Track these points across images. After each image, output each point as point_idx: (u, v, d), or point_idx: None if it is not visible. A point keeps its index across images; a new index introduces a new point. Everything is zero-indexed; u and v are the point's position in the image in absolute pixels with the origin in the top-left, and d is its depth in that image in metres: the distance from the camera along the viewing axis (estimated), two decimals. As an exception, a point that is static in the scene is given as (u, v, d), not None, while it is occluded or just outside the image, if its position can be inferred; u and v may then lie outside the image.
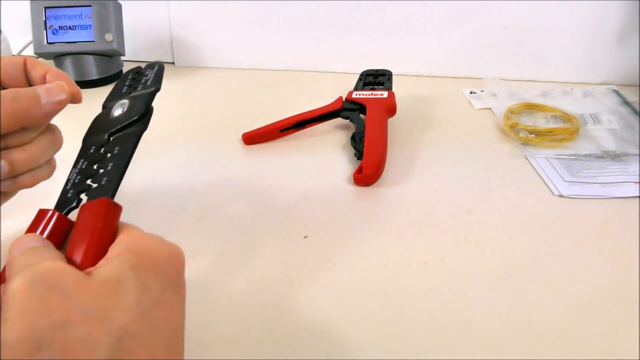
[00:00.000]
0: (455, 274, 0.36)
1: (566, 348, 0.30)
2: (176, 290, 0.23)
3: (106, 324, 0.19)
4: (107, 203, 0.24)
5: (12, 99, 0.26)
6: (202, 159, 0.52)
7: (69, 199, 0.26)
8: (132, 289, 0.20)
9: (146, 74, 0.32)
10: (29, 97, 0.27)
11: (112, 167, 0.27)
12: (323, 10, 0.72)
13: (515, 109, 0.59)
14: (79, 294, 0.19)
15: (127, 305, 0.20)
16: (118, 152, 0.27)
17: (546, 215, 0.42)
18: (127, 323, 0.19)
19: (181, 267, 0.24)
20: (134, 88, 0.31)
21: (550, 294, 0.34)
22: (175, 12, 0.76)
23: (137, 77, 0.32)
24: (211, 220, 0.41)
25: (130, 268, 0.21)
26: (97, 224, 0.23)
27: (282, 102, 0.65)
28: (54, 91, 0.28)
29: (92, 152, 0.28)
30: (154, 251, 0.23)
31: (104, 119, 0.30)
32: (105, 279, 0.20)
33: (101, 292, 0.20)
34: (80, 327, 0.18)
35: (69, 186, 0.27)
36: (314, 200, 0.44)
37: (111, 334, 0.19)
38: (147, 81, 0.31)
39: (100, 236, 0.23)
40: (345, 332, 0.31)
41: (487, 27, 0.70)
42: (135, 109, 0.29)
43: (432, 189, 0.46)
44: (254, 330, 0.31)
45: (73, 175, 0.27)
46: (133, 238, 0.23)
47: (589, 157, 0.50)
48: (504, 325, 0.31)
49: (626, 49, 0.69)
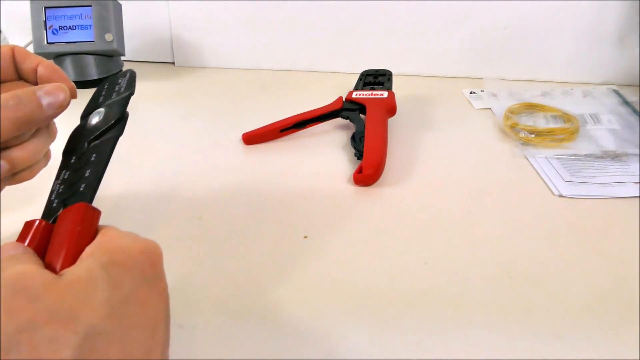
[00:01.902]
0: (455, 274, 0.36)
1: (566, 348, 0.30)
2: (152, 285, 0.22)
3: (73, 323, 0.19)
4: (85, 208, 0.24)
5: (15, 105, 0.26)
6: (202, 159, 0.52)
7: (54, 209, 0.26)
8: (101, 287, 0.20)
9: (119, 82, 0.32)
10: (31, 103, 0.27)
11: (90, 173, 0.27)
12: (323, 10, 0.72)
13: (515, 109, 0.59)
14: (46, 295, 0.19)
15: (96, 304, 0.20)
16: (95, 158, 0.28)
17: (546, 215, 0.42)
18: (95, 321, 0.19)
19: (157, 261, 0.23)
20: (109, 96, 0.31)
21: (550, 294, 0.34)
22: (175, 12, 0.76)
23: (111, 86, 0.32)
24: (211, 220, 0.41)
25: (100, 266, 0.21)
26: (75, 228, 0.23)
27: (282, 102, 0.65)
28: (55, 94, 0.27)
29: (72, 162, 0.28)
30: (127, 247, 0.23)
31: (82, 129, 0.30)
32: (74, 278, 0.20)
33: (69, 292, 0.20)
34: (46, 329, 0.18)
35: (53, 197, 0.27)
36: (314, 200, 0.44)
37: (78, 334, 0.19)
38: (120, 88, 0.31)
39: (78, 240, 0.23)
40: (345, 332, 0.31)
41: (487, 27, 0.70)
42: (110, 115, 0.29)
43: (432, 189, 0.46)
44: (254, 330, 0.31)
45: (56, 186, 0.27)
46: (107, 238, 0.23)
47: (589, 157, 0.50)
48: (504, 325, 0.31)
49: (626, 49, 0.69)
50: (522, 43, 0.71)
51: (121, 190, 0.46)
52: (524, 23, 0.69)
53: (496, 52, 0.72)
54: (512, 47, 0.71)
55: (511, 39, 0.71)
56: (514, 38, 0.70)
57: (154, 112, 0.64)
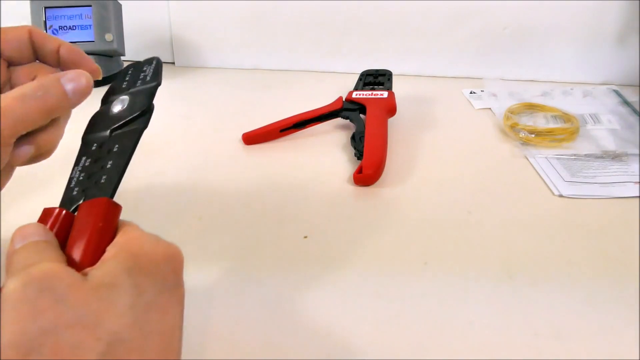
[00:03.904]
0: (455, 274, 0.36)
1: (566, 348, 0.30)
2: (172, 292, 0.22)
3: (97, 329, 0.19)
4: (107, 203, 0.24)
5: (43, 96, 0.25)
6: (202, 159, 0.52)
7: (75, 197, 0.26)
8: (126, 293, 0.20)
9: (144, 69, 0.31)
10: (58, 92, 0.26)
11: (112, 165, 0.26)
12: (323, 10, 0.72)
13: (515, 109, 0.59)
14: (71, 297, 0.19)
15: (120, 310, 0.20)
16: (118, 150, 0.27)
17: (546, 215, 0.42)
18: (119, 329, 0.19)
19: (179, 268, 0.23)
20: (133, 83, 0.30)
21: (550, 294, 0.34)
22: (175, 12, 0.76)
23: (135, 72, 0.31)
24: (211, 220, 0.41)
25: (125, 270, 0.21)
26: (96, 223, 0.23)
27: (282, 102, 0.65)
28: (78, 81, 0.27)
29: (93, 150, 0.28)
30: (151, 252, 0.22)
31: (104, 115, 0.29)
32: (99, 281, 0.20)
33: (94, 296, 0.19)
34: (70, 333, 0.18)
35: (73, 184, 0.26)
36: (314, 200, 0.44)
37: (102, 341, 0.18)
38: (146, 77, 0.30)
39: (99, 236, 0.23)
40: (345, 332, 0.31)
41: (487, 27, 0.70)
42: (136, 105, 0.28)
43: (432, 189, 0.46)
44: (254, 330, 0.31)
45: (76, 173, 0.27)
46: (130, 238, 0.23)
47: (589, 157, 0.50)
48: (504, 325, 0.31)
49: (626, 49, 0.69)
50: (522, 43, 0.71)
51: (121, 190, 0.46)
52: (524, 23, 0.69)
53: (496, 52, 0.72)
54: (512, 47, 0.71)
55: (511, 39, 0.71)
56: (514, 38, 0.70)
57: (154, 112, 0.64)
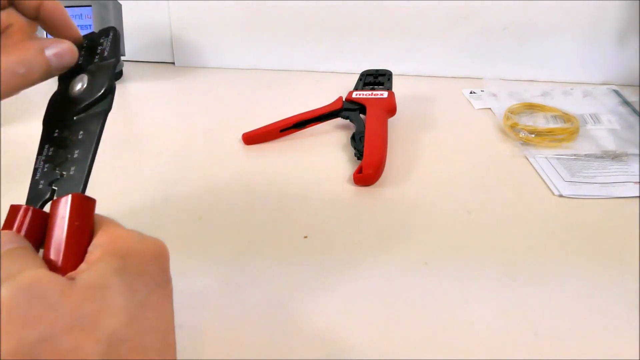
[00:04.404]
0: (455, 274, 0.36)
1: (566, 348, 0.30)
2: (163, 289, 0.22)
3: (95, 331, 0.19)
4: (80, 199, 0.23)
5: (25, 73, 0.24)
6: (202, 159, 0.52)
7: (41, 191, 0.24)
8: (118, 293, 0.20)
9: (101, 41, 0.28)
10: (41, 70, 0.25)
11: (79, 154, 0.25)
12: (323, 10, 0.72)
13: (515, 109, 0.59)
14: (64, 303, 0.19)
15: (115, 310, 0.19)
16: (84, 137, 0.25)
17: (546, 215, 0.42)
18: (116, 328, 0.19)
19: (166, 264, 0.23)
20: (91, 59, 0.28)
21: (550, 294, 0.34)
22: (175, 12, 0.76)
23: (92, 45, 0.28)
24: (211, 220, 0.41)
25: (114, 272, 0.21)
26: (72, 223, 0.22)
27: (282, 102, 0.65)
28: (64, 59, 0.26)
29: (55, 136, 0.26)
30: (138, 251, 0.22)
31: (63, 96, 0.27)
32: (89, 284, 0.20)
33: (87, 299, 0.19)
34: (69, 338, 0.18)
35: (38, 176, 0.25)
36: (314, 200, 0.44)
37: (102, 342, 0.18)
38: (103, 51, 0.28)
39: (78, 236, 0.22)
40: (345, 332, 0.31)
41: (487, 27, 0.70)
42: (96, 87, 0.26)
43: (432, 189, 0.46)
44: (254, 330, 0.31)
45: (40, 163, 0.25)
46: (113, 238, 0.22)
47: (589, 157, 0.50)
48: (504, 325, 0.31)
49: (626, 49, 0.69)
50: (522, 43, 0.71)
51: (121, 190, 0.46)
52: (524, 23, 0.69)
53: (496, 52, 0.72)
54: (512, 47, 0.71)
55: (511, 39, 0.70)
56: (514, 38, 0.70)
57: (154, 112, 0.64)
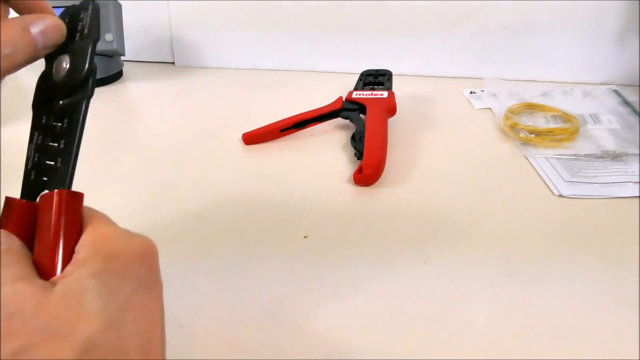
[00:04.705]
0: (455, 274, 0.36)
1: (566, 348, 0.30)
2: (149, 289, 0.22)
3: (70, 338, 0.18)
4: (65, 195, 0.23)
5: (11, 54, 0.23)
6: (202, 159, 0.52)
7: (33, 182, 0.25)
8: (95, 297, 0.20)
9: (81, 16, 0.27)
10: (27, 51, 0.24)
11: (64, 144, 0.25)
12: (323, 10, 0.72)
13: (515, 109, 0.59)
14: (39, 314, 0.19)
15: (91, 315, 0.19)
16: (68, 125, 0.25)
17: (546, 215, 0.42)
18: (92, 333, 0.19)
19: (153, 263, 0.23)
20: (72, 36, 0.27)
21: (550, 294, 0.34)
22: (175, 12, 0.76)
23: (73, 21, 0.27)
24: (211, 220, 0.41)
25: (92, 275, 0.20)
26: (58, 221, 0.22)
27: (282, 102, 0.65)
28: (51, 34, 0.25)
29: (43, 123, 0.26)
30: (123, 252, 0.22)
31: (47, 79, 0.27)
32: (66, 290, 0.20)
33: (62, 306, 0.19)
34: (43, 348, 0.18)
35: (30, 166, 0.25)
36: (314, 200, 0.44)
37: (75, 348, 0.18)
38: (83, 28, 0.27)
39: (64, 235, 0.22)
40: (345, 332, 0.31)
41: (487, 27, 0.70)
42: (77, 70, 0.25)
43: (432, 189, 0.46)
44: (254, 330, 0.31)
45: (31, 152, 0.25)
46: (99, 238, 0.22)
47: (589, 157, 0.50)
48: (504, 325, 0.31)
49: (626, 49, 0.69)
50: (522, 43, 0.71)
51: (121, 190, 0.46)
52: (524, 23, 0.69)
53: (496, 52, 0.72)
54: (512, 47, 0.71)
55: (511, 39, 0.71)
56: (514, 38, 0.70)
57: (154, 112, 0.64)
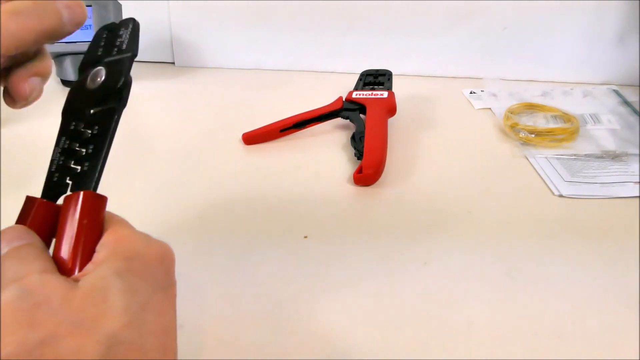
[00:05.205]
0: (455, 274, 0.36)
1: (566, 348, 0.30)
2: (166, 292, 0.23)
3: (95, 333, 0.19)
4: (91, 196, 0.24)
5: (38, 16, 0.23)
6: (202, 159, 0.52)
7: (56, 184, 0.25)
8: (119, 295, 0.20)
9: (120, 33, 0.28)
10: (54, 16, 0.24)
11: (93, 150, 0.25)
12: (323, 10, 0.72)
13: (515, 109, 0.59)
14: (66, 306, 0.19)
15: (116, 312, 0.20)
16: (98, 132, 0.26)
17: (546, 215, 0.42)
18: (117, 330, 0.19)
19: (170, 267, 0.23)
20: (110, 50, 0.28)
21: (550, 294, 0.34)
22: (175, 12, 0.76)
23: (111, 36, 0.29)
24: (211, 220, 0.41)
25: (116, 274, 0.21)
26: (81, 221, 0.23)
27: (282, 102, 0.65)
28: (74, 10, 0.25)
29: (72, 129, 0.26)
30: (142, 254, 0.22)
31: (80, 89, 0.27)
32: (91, 287, 0.20)
33: (88, 302, 0.20)
34: (69, 340, 0.18)
35: (54, 168, 0.26)
36: (314, 200, 0.44)
37: (101, 343, 0.19)
38: (122, 43, 0.28)
39: (86, 234, 0.23)
40: (345, 332, 0.31)
41: (487, 27, 0.70)
42: (111, 81, 0.26)
43: (432, 189, 0.46)
44: (254, 330, 0.31)
45: (56, 155, 0.26)
46: (119, 238, 0.23)
47: (589, 157, 0.50)
48: (504, 325, 0.31)
49: (626, 49, 0.69)
50: (522, 43, 0.71)
51: (121, 190, 0.46)
52: (524, 23, 0.69)
53: (496, 52, 0.72)
54: (512, 47, 0.71)
55: (511, 39, 0.70)
56: (514, 38, 0.70)
57: (154, 112, 0.64)
